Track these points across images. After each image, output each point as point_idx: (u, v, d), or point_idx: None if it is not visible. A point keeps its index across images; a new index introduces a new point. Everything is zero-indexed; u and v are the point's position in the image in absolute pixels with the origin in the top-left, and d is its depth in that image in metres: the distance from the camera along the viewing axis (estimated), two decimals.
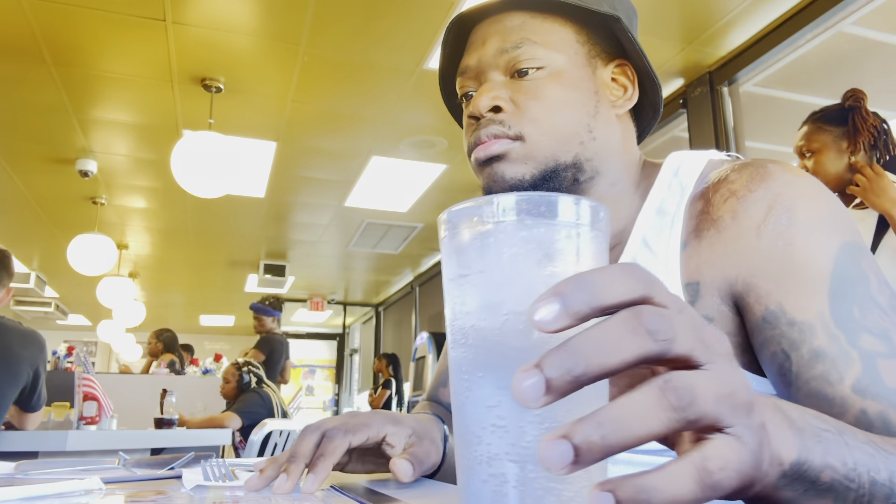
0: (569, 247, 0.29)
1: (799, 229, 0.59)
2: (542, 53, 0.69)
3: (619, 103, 0.73)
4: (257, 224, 5.57)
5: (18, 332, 2.27)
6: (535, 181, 0.69)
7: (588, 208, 0.30)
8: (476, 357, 0.29)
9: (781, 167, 0.63)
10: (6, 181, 4.47)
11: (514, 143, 0.69)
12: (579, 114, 0.70)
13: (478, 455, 0.28)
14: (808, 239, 0.59)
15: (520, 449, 0.27)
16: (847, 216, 0.61)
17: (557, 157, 0.69)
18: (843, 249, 0.58)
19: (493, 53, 0.71)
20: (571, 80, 0.70)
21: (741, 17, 2.72)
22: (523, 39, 0.69)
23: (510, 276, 0.29)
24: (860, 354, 0.54)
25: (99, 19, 2.72)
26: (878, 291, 0.57)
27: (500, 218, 0.29)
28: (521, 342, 0.28)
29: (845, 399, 0.54)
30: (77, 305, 9.25)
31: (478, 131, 0.70)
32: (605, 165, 0.72)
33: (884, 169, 1.82)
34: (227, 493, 0.56)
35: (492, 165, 0.70)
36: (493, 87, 0.70)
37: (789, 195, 0.61)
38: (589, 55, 0.72)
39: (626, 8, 0.77)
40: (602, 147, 0.71)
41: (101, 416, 2.75)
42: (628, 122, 0.76)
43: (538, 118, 0.68)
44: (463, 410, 0.30)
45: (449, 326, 0.32)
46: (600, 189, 0.72)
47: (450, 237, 0.30)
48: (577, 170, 0.70)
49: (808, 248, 0.58)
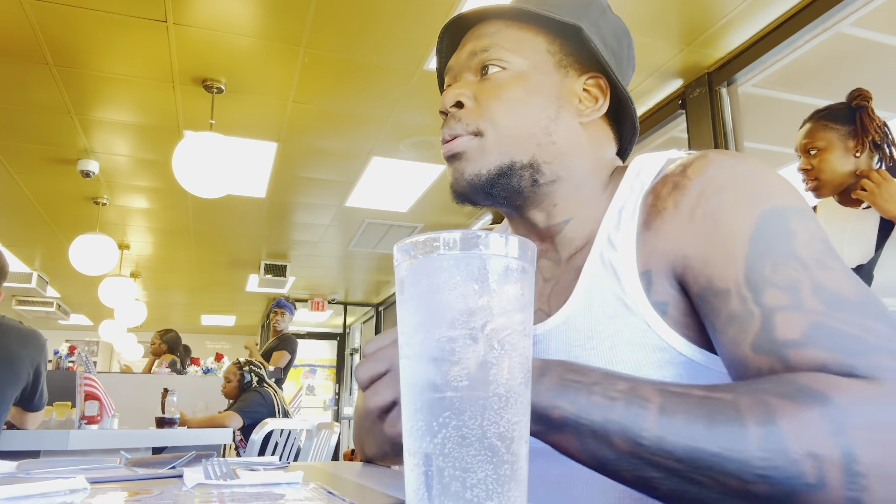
0: (469, 276, 0.34)
1: (725, 206, 0.61)
2: (508, 56, 0.74)
3: (586, 112, 0.75)
4: (258, 224, 5.58)
5: (19, 331, 2.28)
6: (491, 178, 0.73)
7: (501, 242, 0.35)
8: (405, 366, 0.35)
9: (721, 154, 0.65)
10: (8, 181, 4.48)
11: (472, 140, 0.73)
12: (538, 116, 0.73)
13: (408, 447, 0.34)
14: (733, 212, 0.60)
15: (432, 445, 0.32)
16: (781, 186, 0.62)
17: (513, 155, 0.73)
18: (767, 212, 0.59)
19: (467, 56, 0.76)
20: (533, 84, 0.73)
21: (740, 18, 2.73)
22: (492, 44, 0.74)
23: (428, 301, 0.34)
24: (762, 311, 0.55)
25: (100, 20, 2.73)
26: (802, 245, 0.57)
27: (429, 252, 0.35)
28: (435, 355, 0.34)
29: (746, 360, 0.55)
30: (79, 305, 9.26)
31: (444, 128, 0.75)
32: (568, 170, 0.74)
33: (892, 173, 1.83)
34: (227, 490, 0.57)
35: (453, 164, 0.75)
36: (460, 86, 0.76)
37: (721, 177, 0.63)
38: (559, 64, 0.75)
39: (615, 28, 0.79)
40: (562, 152, 0.74)
41: (102, 416, 2.76)
42: (600, 130, 0.78)
43: (495, 116, 0.72)
44: (403, 410, 0.36)
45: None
46: (564, 193, 0.75)
47: (396, 266, 0.37)
48: (534, 171, 0.73)
49: (731, 220, 0.60)
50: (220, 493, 0.56)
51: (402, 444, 0.36)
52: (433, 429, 0.33)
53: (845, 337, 0.51)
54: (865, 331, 0.51)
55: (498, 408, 0.33)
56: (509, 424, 0.33)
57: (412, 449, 0.34)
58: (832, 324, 0.52)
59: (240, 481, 0.62)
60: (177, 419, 3.11)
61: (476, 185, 0.73)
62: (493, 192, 0.74)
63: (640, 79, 3.20)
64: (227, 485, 0.60)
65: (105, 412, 2.77)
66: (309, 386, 10.81)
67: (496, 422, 0.33)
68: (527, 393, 0.35)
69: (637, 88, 3.29)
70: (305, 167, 4.34)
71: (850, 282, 0.55)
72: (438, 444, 0.32)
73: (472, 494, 0.32)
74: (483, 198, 0.75)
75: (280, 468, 0.75)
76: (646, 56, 3.00)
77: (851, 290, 0.54)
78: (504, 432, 0.33)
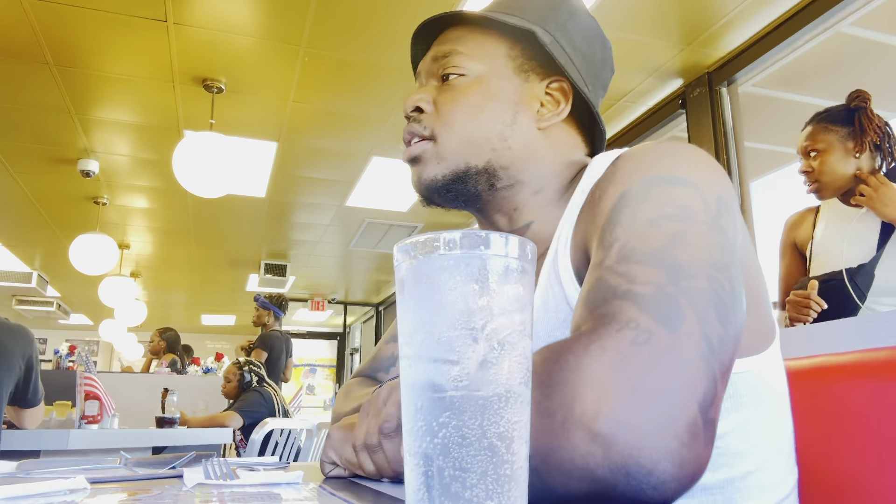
0: (471, 276, 0.35)
1: (611, 186, 0.60)
2: (467, 63, 0.75)
3: (546, 117, 0.76)
4: (258, 224, 5.58)
5: (5, 326, 2.28)
6: (446, 182, 0.74)
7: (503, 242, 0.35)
8: (405, 367, 0.36)
9: (645, 145, 0.63)
10: (8, 181, 4.48)
11: (427, 145, 0.75)
12: (493, 122, 0.74)
13: (408, 447, 0.34)
14: (613, 191, 0.60)
15: (432, 445, 0.33)
16: (675, 160, 0.59)
17: (468, 160, 0.74)
18: (636, 184, 0.58)
19: (430, 62, 0.79)
20: (490, 89, 0.74)
21: (740, 17, 2.73)
22: (453, 50, 0.76)
23: (429, 301, 0.35)
24: (592, 281, 0.53)
25: (100, 20, 2.73)
26: (648, 210, 0.55)
27: (429, 252, 0.35)
28: (434, 355, 0.34)
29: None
30: (79, 305, 9.27)
31: (404, 131, 0.78)
32: (526, 175, 0.75)
33: (890, 175, 1.83)
34: (227, 490, 0.58)
35: (412, 167, 0.77)
36: (421, 91, 0.78)
37: (622, 162, 0.62)
38: (520, 69, 0.76)
39: (586, 31, 0.78)
40: (519, 157, 0.74)
41: (102, 415, 2.76)
42: (564, 134, 0.78)
43: (450, 121, 0.74)
44: (403, 410, 0.36)
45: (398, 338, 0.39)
46: (523, 197, 0.76)
47: (396, 266, 0.37)
48: (490, 176, 0.74)
49: (609, 197, 0.59)
50: (220, 493, 0.56)
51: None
52: (433, 429, 0.33)
53: (602, 287, 0.51)
54: (625, 277, 0.50)
55: (498, 408, 0.33)
56: (509, 424, 0.33)
57: (412, 449, 0.34)
58: (606, 276, 0.51)
59: (240, 481, 0.62)
60: (177, 419, 3.11)
61: (433, 189, 0.75)
62: (449, 196, 0.75)
63: (640, 78, 3.20)
64: (227, 485, 0.60)
65: (105, 412, 2.77)
66: (309, 385, 10.82)
67: (496, 422, 0.33)
68: (527, 393, 0.35)
69: (637, 88, 3.29)
70: (305, 167, 4.34)
71: (662, 234, 0.52)
72: (438, 444, 0.33)
73: (472, 494, 0.32)
74: (443, 201, 0.76)
75: (280, 468, 0.75)
76: (646, 56, 3.00)
77: (653, 242, 0.52)
78: (504, 432, 0.33)
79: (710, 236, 0.52)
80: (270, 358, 4.65)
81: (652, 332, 0.45)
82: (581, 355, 0.45)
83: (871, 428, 0.70)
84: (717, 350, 0.46)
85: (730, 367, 0.48)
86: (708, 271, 0.49)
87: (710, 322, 0.47)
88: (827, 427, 0.72)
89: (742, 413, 0.59)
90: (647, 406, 0.42)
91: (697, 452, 0.42)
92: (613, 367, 0.44)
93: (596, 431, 0.42)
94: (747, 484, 0.59)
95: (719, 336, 0.47)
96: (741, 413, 0.59)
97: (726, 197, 0.57)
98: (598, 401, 0.42)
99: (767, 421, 0.61)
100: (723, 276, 0.50)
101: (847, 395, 0.73)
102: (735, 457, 0.58)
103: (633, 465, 0.41)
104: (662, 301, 0.47)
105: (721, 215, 0.55)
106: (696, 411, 0.43)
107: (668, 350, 0.44)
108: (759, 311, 0.61)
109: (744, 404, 0.59)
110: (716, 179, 0.58)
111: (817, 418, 0.69)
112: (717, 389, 0.45)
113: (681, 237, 0.51)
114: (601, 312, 0.49)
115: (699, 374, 0.44)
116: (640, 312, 0.46)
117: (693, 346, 0.45)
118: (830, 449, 0.72)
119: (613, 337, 0.45)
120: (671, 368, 0.43)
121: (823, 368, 0.77)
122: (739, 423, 0.59)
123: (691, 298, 0.47)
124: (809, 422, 0.75)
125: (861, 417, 0.71)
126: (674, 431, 0.41)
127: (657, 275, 0.49)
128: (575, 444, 0.42)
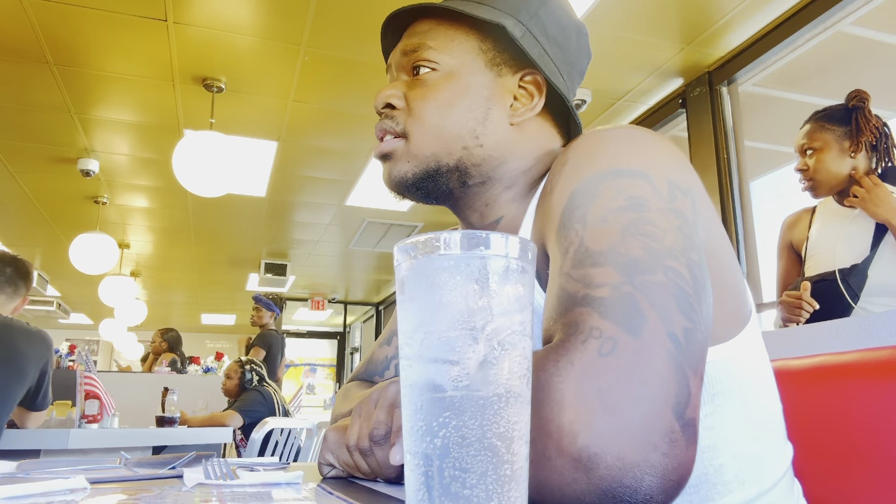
0: (469, 276, 0.35)
1: (560, 180, 0.59)
2: (436, 56, 0.73)
3: (519, 112, 0.73)
4: (258, 223, 5.58)
5: (25, 331, 2.28)
6: (417, 180, 0.73)
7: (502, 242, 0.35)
8: (405, 367, 0.36)
9: (594, 133, 0.61)
10: (8, 181, 4.48)
11: (398, 142, 0.73)
12: (464, 119, 0.71)
13: (408, 447, 0.35)
14: (562, 185, 0.58)
15: (432, 445, 0.33)
16: (628, 149, 0.57)
17: (439, 158, 0.72)
18: (584, 181, 0.56)
19: (399, 56, 0.76)
20: (461, 85, 0.72)
21: (740, 17, 2.73)
22: (422, 43, 0.73)
23: (429, 301, 0.35)
24: (554, 289, 0.52)
25: (100, 19, 2.73)
26: (598, 206, 0.53)
27: (429, 252, 0.35)
28: (435, 355, 0.34)
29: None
30: (79, 304, 9.27)
31: (375, 127, 0.76)
32: (499, 171, 0.73)
33: (884, 175, 1.84)
34: (227, 490, 0.57)
35: (383, 163, 0.76)
36: (392, 86, 0.75)
37: (571, 151, 0.61)
38: (492, 62, 0.73)
39: (559, 18, 0.76)
40: (491, 154, 0.73)
41: (102, 415, 2.76)
42: (537, 127, 0.76)
43: (421, 117, 0.72)
44: (403, 410, 0.36)
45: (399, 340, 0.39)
46: (495, 192, 0.75)
47: (396, 266, 0.37)
48: (461, 174, 0.73)
49: (559, 193, 0.58)
50: (219, 493, 0.56)
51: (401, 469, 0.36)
52: (433, 429, 0.33)
53: (562, 295, 0.50)
54: (581, 281, 0.49)
55: (498, 408, 0.33)
56: (509, 424, 0.33)
57: (412, 449, 0.34)
58: (564, 283, 0.50)
59: (240, 481, 0.62)
60: (177, 418, 3.11)
61: (403, 186, 0.74)
62: (420, 193, 0.74)
63: (641, 78, 3.20)
64: (226, 485, 0.60)
65: (105, 411, 2.77)
66: (309, 385, 10.82)
67: (496, 422, 0.33)
68: (527, 393, 0.35)
69: (637, 88, 3.29)
70: (305, 166, 4.34)
71: (613, 230, 0.51)
72: (438, 444, 0.33)
73: (472, 494, 0.32)
74: (414, 197, 0.75)
75: (280, 468, 0.75)
76: (646, 55, 3.00)
77: (604, 240, 0.50)
78: (504, 432, 0.33)
79: (664, 222, 0.51)
80: (268, 356, 4.64)
81: (616, 338, 0.44)
82: (552, 373, 0.45)
83: (871, 427, 0.70)
84: (685, 345, 0.45)
85: (703, 358, 0.47)
86: (664, 261, 0.48)
87: (673, 316, 0.46)
88: (827, 427, 0.72)
89: (710, 405, 0.57)
90: (622, 421, 0.41)
91: (680, 458, 0.42)
92: (584, 383, 0.43)
93: (576, 456, 0.42)
94: (723, 478, 0.57)
95: (684, 329, 0.46)
96: (710, 404, 0.57)
97: (678, 179, 0.55)
98: (574, 423, 0.42)
99: (742, 410, 0.59)
100: (681, 263, 0.49)
101: (847, 394, 0.73)
102: (705, 452, 0.56)
103: (618, 486, 0.41)
104: (621, 303, 0.46)
105: (675, 198, 0.53)
106: (672, 417, 0.42)
107: (635, 357, 0.43)
108: (729, 295, 0.59)
109: (714, 395, 0.57)
110: (665, 163, 0.56)
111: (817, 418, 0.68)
112: (690, 388, 0.44)
113: (632, 229, 0.50)
114: (565, 322, 0.48)
115: (669, 376, 0.43)
116: (601, 319, 0.46)
117: (659, 347, 0.44)
118: (830, 449, 0.72)
119: (580, 349, 0.45)
120: (640, 377, 0.43)
121: (824, 368, 0.77)
122: (707, 416, 0.57)
123: (650, 295, 0.46)
124: (809, 421, 0.75)
125: (861, 417, 0.71)
126: (652, 443, 0.41)
127: (612, 274, 0.48)
128: (560, 474, 0.42)
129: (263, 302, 4.82)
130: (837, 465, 0.71)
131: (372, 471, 0.61)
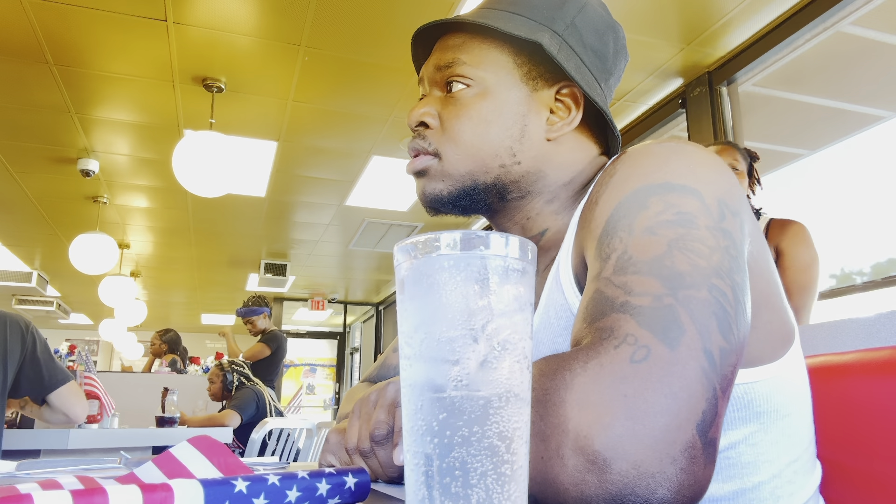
0: (469, 277, 0.35)
1: (607, 190, 0.58)
2: (470, 72, 0.70)
3: (557, 126, 0.72)
4: (258, 223, 5.58)
5: None
6: (452, 198, 0.72)
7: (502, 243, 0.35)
8: (405, 367, 0.36)
9: (644, 146, 0.60)
10: (8, 181, 4.48)
11: (433, 160, 0.72)
12: (501, 137, 0.70)
13: (408, 447, 0.35)
14: (608, 196, 0.57)
15: (432, 445, 0.33)
16: (675, 163, 0.56)
17: (476, 177, 0.71)
18: (632, 192, 0.55)
19: (432, 70, 0.74)
20: (496, 102, 0.70)
21: (740, 17, 2.73)
22: (455, 59, 0.71)
23: (429, 301, 0.35)
24: (591, 293, 0.52)
25: (100, 19, 2.73)
26: (646, 218, 0.52)
27: (429, 252, 0.35)
28: (435, 355, 0.34)
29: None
30: (79, 304, 9.27)
31: (409, 144, 0.74)
32: (538, 186, 0.72)
33: None
34: None
35: (417, 180, 0.74)
36: (426, 104, 0.74)
37: (619, 164, 0.60)
38: (527, 76, 0.71)
39: (596, 24, 0.74)
40: (529, 171, 0.71)
41: (102, 415, 2.76)
42: (575, 140, 0.74)
43: (456, 138, 0.70)
44: (403, 410, 0.36)
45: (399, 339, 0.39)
46: (537, 206, 0.73)
47: (396, 266, 0.37)
48: (500, 190, 0.72)
49: (605, 204, 0.57)
50: None
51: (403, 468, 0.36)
52: (433, 428, 0.33)
53: (599, 299, 0.49)
54: (622, 288, 0.48)
55: (498, 408, 0.33)
56: (509, 424, 0.33)
57: (412, 449, 0.34)
58: (603, 288, 0.50)
59: None
60: (177, 418, 3.11)
61: (439, 202, 0.73)
62: (456, 209, 0.73)
63: (641, 78, 3.20)
64: None
65: (105, 411, 2.77)
66: (309, 385, 10.82)
67: (496, 421, 0.33)
68: (527, 393, 0.35)
69: (637, 88, 3.29)
70: (305, 166, 4.34)
71: (660, 242, 0.50)
72: (438, 444, 0.33)
73: (472, 494, 0.32)
74: (450, 213, 0.74)
75: (280, 468, 0.75)
76: (646, 55, 3.00)
77: (650, 251, 0.49)
78: (504, 432, 0.33)
79: (712, 241, 0.50)
80: (276, 356, 4.56)
81: (651, 347, 0.43)
82: (578, 373, 0.44)
83: (871, 427, 0.70)
84: (719, 364, 0.44)
85: (732, 379, 0.46)
86: (709, 279, 0.47)
87: (712, 334, 0.45)
88: (827, 427, 0.72)
89: (755, 423, 0.57)
90: (644, 429, 0.40)
91: (696, 476, 0.41)
92: (610, 386, 0.42)
93: (590, 458, 0.41)
94: (759, 495, 0.57)
95: (721, 348, 0.45)
96: (754, 423, 0.57)
97: (729, 199, 0.54)
98: (593, 424, 0.41)
99: (783, 430, 0.58)
100: (725, 283, 0.48)
101: (847, 394, 0.73)
102: (746, 468, 0.56)
103: (629, 494, 0.40)
104: (661, 313, 0.45)
105: (724, 218, 0.52)
106: (695, 433, 0.41)
107: (667, 367, 0.42)
108: (774, 316, 0.58)
109: (758, 414, 0.57)
110: (717, 182, 0.55)
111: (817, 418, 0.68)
112: (718, 407, 0.43)
113: (679, 244, 0.49)
114: (599, 326, 0.47)
115: (699, 392, 0.42)
116: (638, 326, 0.45)
117: (693, 362, 0.43)
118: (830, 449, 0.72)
119: (611, 354, 0.44)
120: (669, 389, 0.42)
121: (824, 368, 0.77)
122: (751, 434, 0.57)
123: (691, 310, 0.45)
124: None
125: (861, 417, 0.71)
126: (671, 456, 0.40)
127: (655, 285, 0.47)
128: (570, 473, 0.41)
129: (249, 311, 4.60)
130: (837, 464, 0.71)
131: (373, 471, 0.61)
